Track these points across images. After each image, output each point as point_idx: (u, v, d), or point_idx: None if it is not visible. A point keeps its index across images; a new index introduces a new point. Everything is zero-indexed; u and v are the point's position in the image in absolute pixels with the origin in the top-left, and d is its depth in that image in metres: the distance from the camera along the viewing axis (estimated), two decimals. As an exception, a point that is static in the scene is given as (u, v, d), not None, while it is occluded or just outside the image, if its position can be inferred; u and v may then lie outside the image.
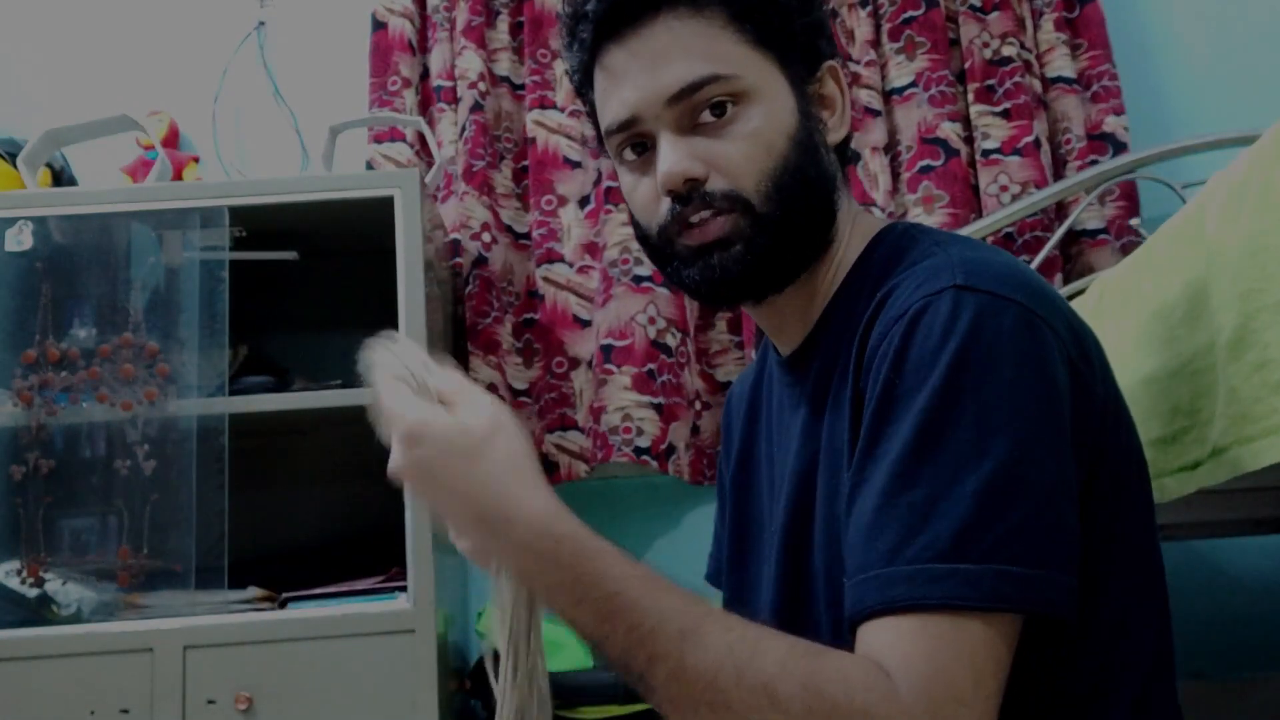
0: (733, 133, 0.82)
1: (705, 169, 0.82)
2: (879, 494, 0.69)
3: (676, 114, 0.82)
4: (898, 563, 0.66)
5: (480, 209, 2.02)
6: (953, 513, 0.66)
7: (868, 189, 2.03)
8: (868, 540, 0.69)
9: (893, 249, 0.84)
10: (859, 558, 0.69)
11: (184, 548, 1.62)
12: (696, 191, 0.82)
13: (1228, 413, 0.89)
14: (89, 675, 1.52)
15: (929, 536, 0.66)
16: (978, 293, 0.71)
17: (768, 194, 0.82)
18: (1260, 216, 0.85)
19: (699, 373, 2.05)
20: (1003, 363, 0.69)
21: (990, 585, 0.64)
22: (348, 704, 1.53)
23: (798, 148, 0.83)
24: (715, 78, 0.81)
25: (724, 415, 1.10)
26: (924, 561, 0.65)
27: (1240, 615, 1.94)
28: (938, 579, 0.65)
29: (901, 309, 0.73)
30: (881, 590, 0.66)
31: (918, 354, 0.70)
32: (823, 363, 0.85)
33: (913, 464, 0.68)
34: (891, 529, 0.67)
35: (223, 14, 2.23)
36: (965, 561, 0.65)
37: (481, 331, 1.98)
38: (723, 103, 0.82)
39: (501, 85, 2.13)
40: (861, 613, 0.68)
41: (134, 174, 2.10)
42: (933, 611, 0.64)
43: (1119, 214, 2.02)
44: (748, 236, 0.82)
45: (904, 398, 0.70)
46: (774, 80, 0.84)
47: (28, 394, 1.65)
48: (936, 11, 2.08)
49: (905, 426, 0.69)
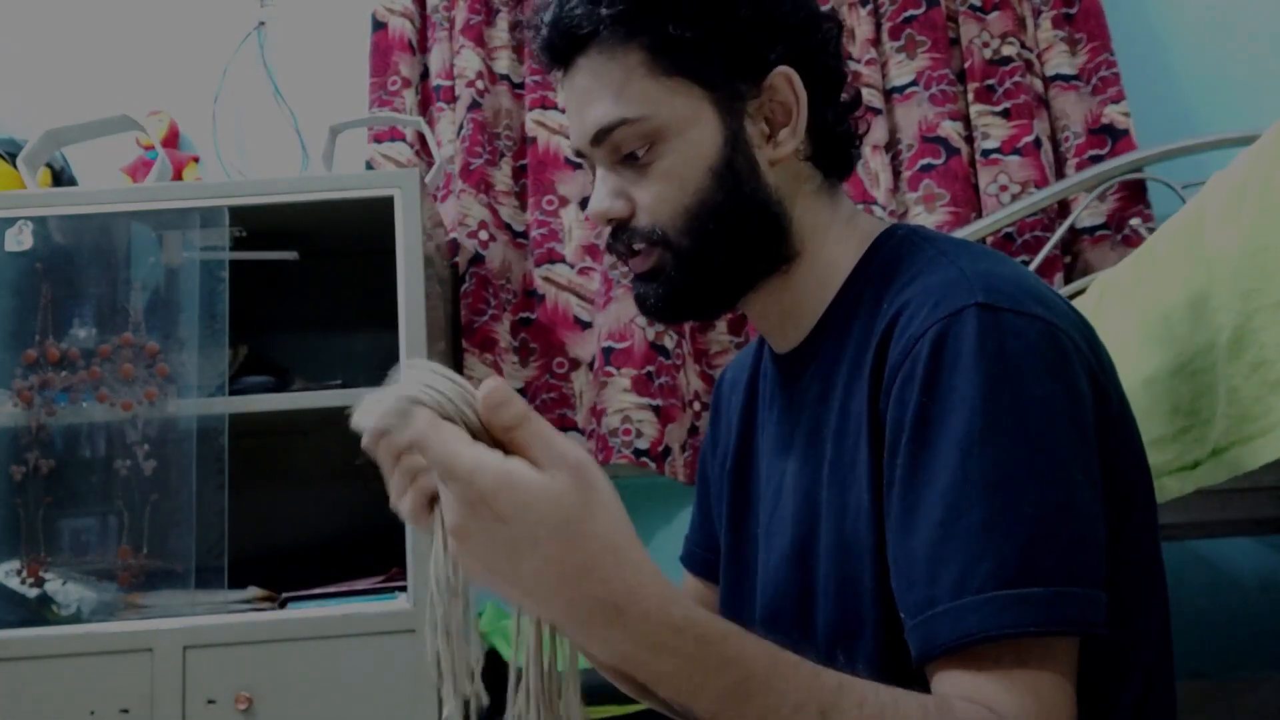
0: (651, 171, 0.83)
1: (627, 207, 0.85)
2: (934, 525, 0.68)
3: (604, 153, 0.85)
4: (964, 595, 0.66)
5: (478, 207, 2.02)
6: (1013, 535, 0.66)
7: (868, 187, 2.03)
8: (929, 573, 0.68)
9: (892, 255, 0.84)
10: (922, 592, 0.68)
11: (184, 548, 1.62)
12: (624, 229, 0.85)
13: (1228, 413, 0.89)
14: (89, 675, 1.52)
15: (992, 564, 0.66)
16: (999, 311, 0.71)
17: (683, 230, 0.83)
18: (1260, 217, 0.85)
19: (698, 373, 2.05)
20: (1034, 381, 0.70)
21: (1058, 610, 0.65)
22: (348, 704, 1.53)
23: (717, 179, 0.83)
24: (623, 121, 0.82)
25: (713, 400, 1.09)
26: (992, 590, 0.66)
27: (1240, 615, 1.94)
28: (1009, 607, 0.65)
29: (921, 328, 0.73)
30: (954, 625, 0.66)
31: (948, 376, 0.70)
32: (822, 369, 0.85)
33: (963, 491, 0.68)
34: (953, 560, 0.67)
35: (223, 14, 2.23)
36: (1031, 586, 0.65)
37: (478, 329, 1.98)
38: (634, 151, 0.83)
39: (501, 83, 2.13)
40: (935, 650, 0.67)
41: (134, 174, 2.10)
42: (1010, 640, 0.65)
43: (1119, 207, 2.01)
44: (668, 271, 0.84)
45: (939, 421, 0.70)
46: (693, 111, 0.82)
47: (28, 394, 1.65)
48: (937, 11, 2.08)
49: (949, 453, 0.69)
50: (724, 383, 1.08)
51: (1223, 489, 0.99)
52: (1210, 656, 1.87)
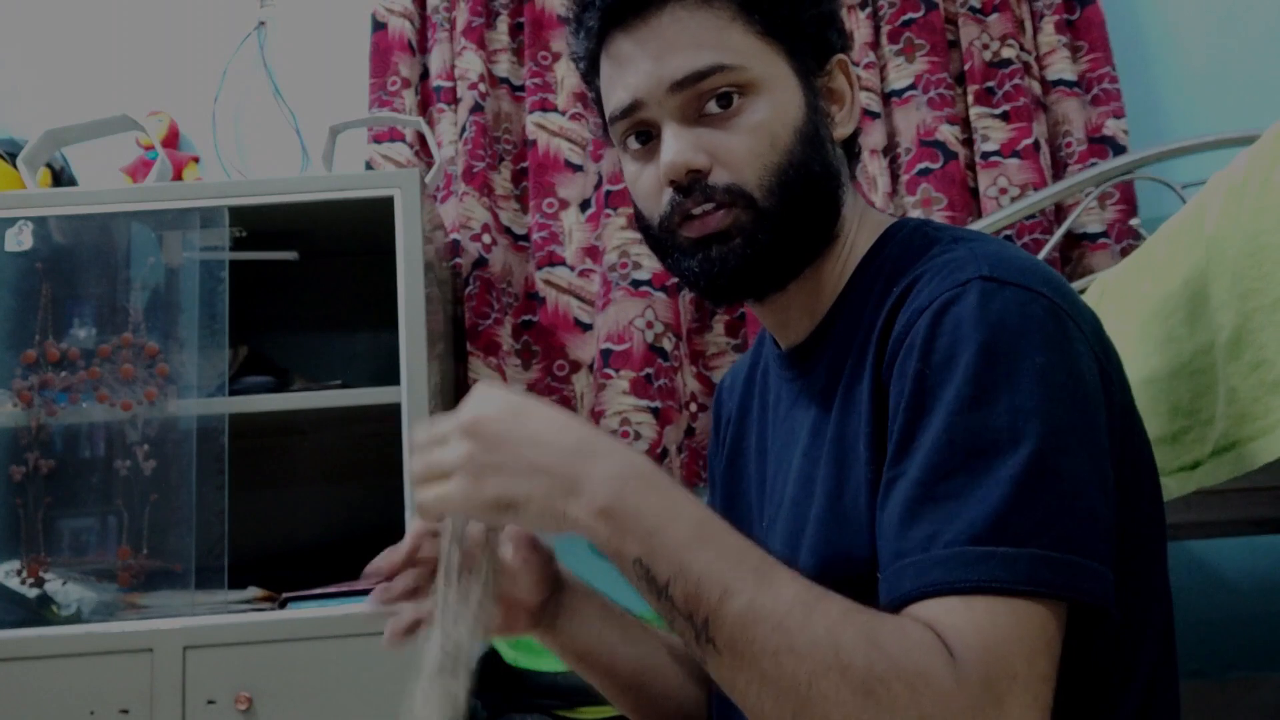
0: (737, 125, 0.81)
1: (708, 160, 0.81)
2: (914, 484, 0.68)
3: (681, 102, 0.82)
4: (934, 548, 0.65)
5: (480, 210, 2.02)
6: (988, 498, 0.65)
7: (866, 190, 2.03)
8: (902, 529, 0.68)
9: (905, 245, 0.84)
10: (893, 546, 0.68)
11: (184, 548, 1.62)
12: (699, 183, 0.82)
13: (1228, 413, 0.89)
14: (89, 675, 1.52)
15: (964, 522, 0.65)
16: (1005, 284, 0.71)
17: (770, 189, 0.81)
18: (1259, 216, 0.85)
19: (695, 375, 2.05)
20: (1032, 352, 0.69)
21: (1027, 569, 0.64)
22: (348, 704, 1.53)
23: (803, 142, 0.83)
24: (720, 67, 0.81)
25: (714, 407, 1.09)
26: (960, 545, 0.65)
27: (1240, 615, 1.94)
28: (975, 562, 0.64)
29: (926, 300, 0.73)
30: (918, 576, 0.66)
31: (946, 344, 0.70)
32: (831, 358, 0.84)
33: (947, 454, 0.67)
34: (927, 517, 0.67)
35: (223, 14, 2.23)
36: (1002, 545, 0.64)
37: (482, 333, 1.98)
38: (728, 94, 0.81)
39: (501, 86, 2.13)
40: (898, 599, 0.67)
41: (134, 174, 2.10)
42: (972, 594, 0.64)
43: (1119, 217, 2.02)
44: (748, 231, 0.81)
45: (935, 389, 0.69)
46: (781, 73, 0.83)
47: (28, 394, 1.65)
48: (936, 13, 2.08)
49: (938, 418, 0.69)
50: (723, 388, 1.08)
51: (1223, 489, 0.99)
52: (1210, 656, 1.87)
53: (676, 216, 0.83)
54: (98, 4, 2.25)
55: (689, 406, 2.02)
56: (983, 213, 2.00)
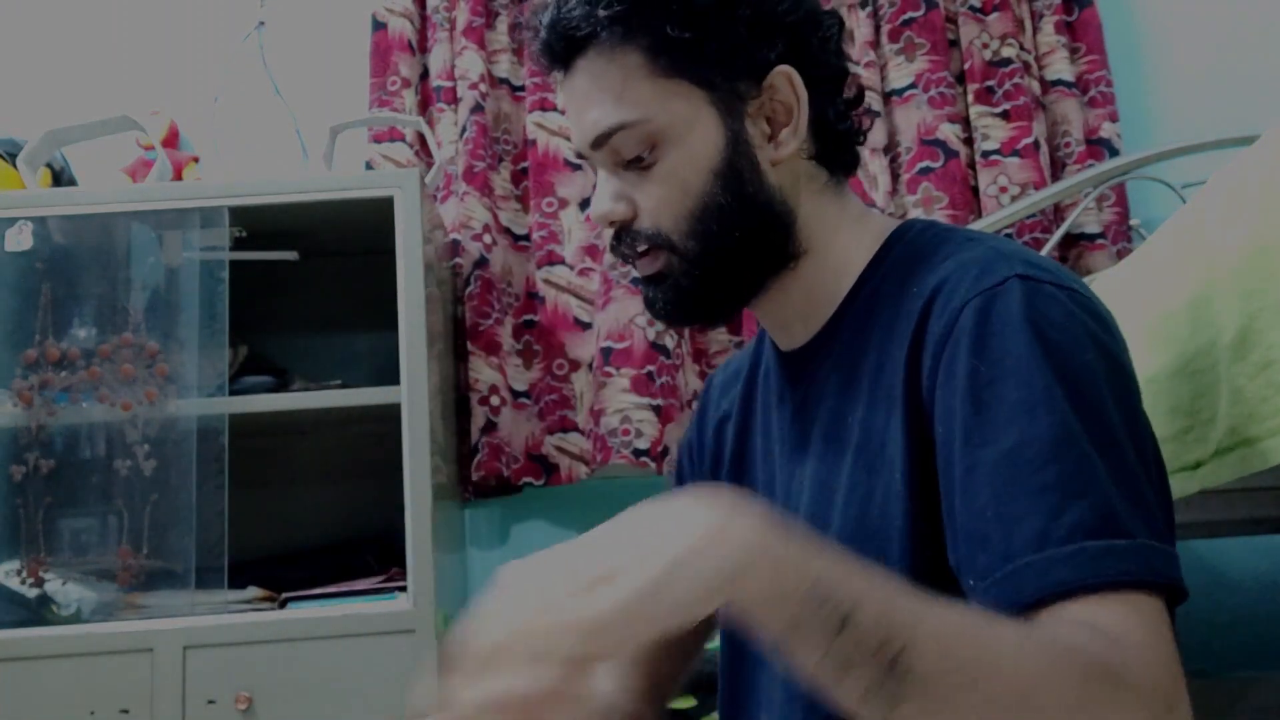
0: (653, 174, 0.83)
1: (629, 210, 0.84)
2: (1002, 484, 0.67)
3: (604, 156, 0.84)
4: (1049, 546, 0.64)
5: (481, 210, 2.02)
6: (1091, 492, 0.65)
7: (867, 189, 2.03)
8: (1004, 531, 0.66)
9: (914, 246, 0.84)
10: (997, 549, 0.66)
11: (184, 548, 1.62)
12: (627, 230, 0.85)
13: (1232, 413, 0.89)
14: (89, 675, 1.52)
15: (1074, 517, 0.64)
16: (1040, 282, 0.72)
17: (687, 234, 0.83)
18: (1261, 216, 0.85)
19: (697, 373, 2.05)
20: (1085, 347, 0.71)
21: (1144, 560, 0.64)
22: (348, 704, 1.53)
23: (720, 180, 0.82)
24: (622, 125, 0.81)
25: (700, 402, 1.08)
26: (1078, 541, 0.64)
27: (1240, 615, 1.94)
28: (1097, 557, 0.63)
29: (965, 299, 0.73)
30: (1041, 577, 0.63)
31: (1000, 341, 0.70)
32: (842, 362, 0.84)
33: (1031, 450, 0.67)
34: (1030, 516, 0.65)
35: (223, 14, 2.23)
36: (1117, 538, 0.64)
37: (483, 333, 1.98)
38: (636, 156, 0.82)
39: (501, 87, 2.13)
40: (1023, 604, 0.64)
41: (134, 174, 2.10)
42: (1103, 591, 0.63)
43: (1116, 219, 2.02)
44: (676, 274, 0.84)
45: (994, 385, 0.69)
46: (693, 113, 0.82)
47: (28, 394, 1.65)
48: (936, 12, 2.08)
49: (1007, 415, 0.68)
50: (713, 386, 1.07)
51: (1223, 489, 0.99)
52: (1210, 656, 1.87)
53: (617, 256, 0.87)
54: (98, 4, 2.25)
55: (690, 405, 2.02)
56: (983, 212, 2.00)
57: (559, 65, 0.85)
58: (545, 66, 0.87)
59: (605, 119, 0.82)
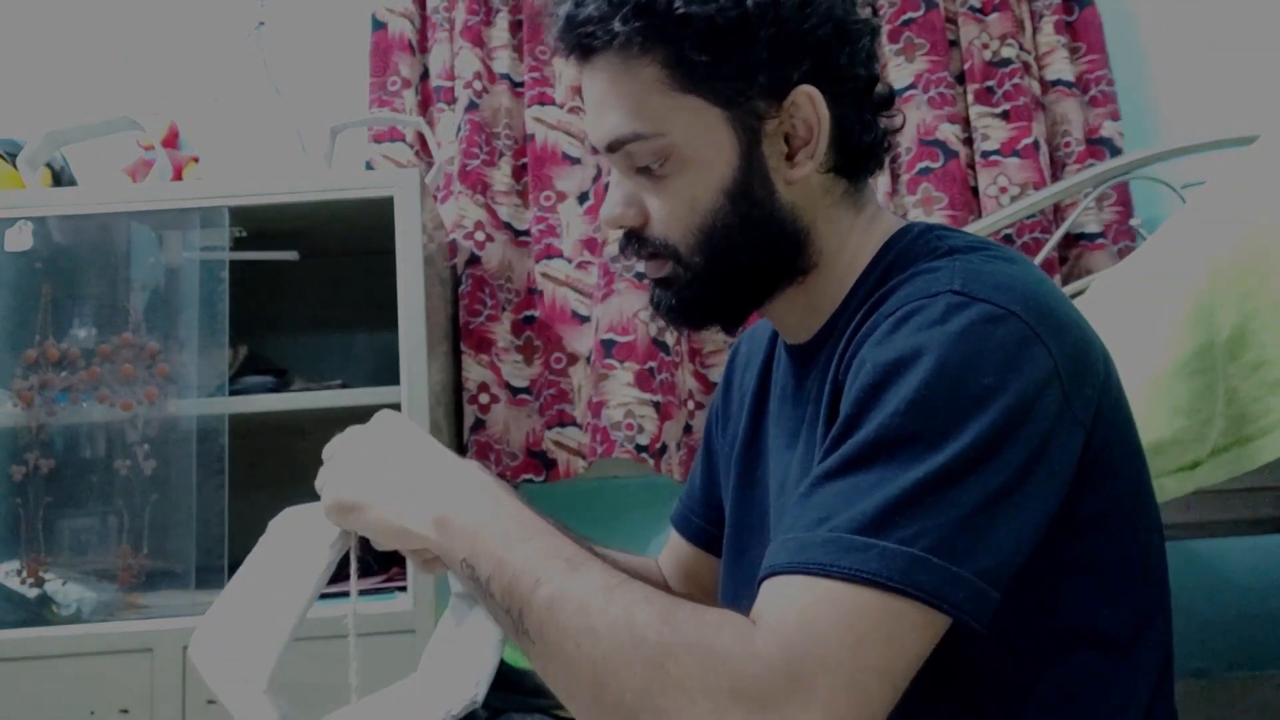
0: (664, 188, 0.82)
1: (639, 217, 0.84)
2: (825, 472, 0.68)
3: (617, 159, 0.84)
4: (819, 530, 0.65)
5: (474, 207, 2.02)
6: (886, 495, 0.64)
7: (868, 189, 2.03)
8: (799, 512, 0.68)
9: (903, 253, 0.83)
10: (794, 522, 0.68)
11: (184, 548, 1.62)
12: (636, 234, 0.85)
13: (1227, 413, 0.89)
14: (89, 675, 1.52)
15: (855, 512, 0.64)
16: (974, 300, 0.69)
17: (694, 249, 0.83)
18: (1259, 217, 0.85)
19: (693, 372, 2.05)
20: (983, 371, 0.67)
21: (902, 567, 0.62)
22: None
23: (731, 200, 0.81)
24: (638, 136, 0.81)
25: (726, 371, 1.08)
26: (844, 532, 0.64)
27: (1240, 615, 1.94)
28: (852, 550, 0.63)
29: (892, 308, 0.73)
30: (793, 553, 0.65)
31: (899, 351, 0.69)
32: (822, 364, 0.85)
33: (867, 453, 0.67)
34: (825, 503, 0.66)
35: (223, 14, 2.23)
36: (885, 540, 0.63)
37: (474, 330, 1.98)
38: (648, 166, 0.82)
39: (501, 83, 2.13)
40: (766, 571, 0.66)
41: (134, 174, 2.10)
42: (835, 579, 0.63)
43: (1116, 218, 2.02)
44: (681, 283, 0.84)
45: (879, 391, 0.69)
46: (708, 131, 0.81)
47: (28, 394, 1.65)
48: (936, 13, 2.08)
49: (872, 419, 0.68)
50: (738, 355, 1.07)
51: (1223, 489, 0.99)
52: (1210, 656, 1.87)
53: (626, 256, 0.88)
54: (98, 4, 2.25)
55: (687, 404, 2.02)
56: (983, 212, 2.00)
57: (577, 58, 0.84)
58: (562, 55, 0.85)
59: (619, 128, 0.82)
